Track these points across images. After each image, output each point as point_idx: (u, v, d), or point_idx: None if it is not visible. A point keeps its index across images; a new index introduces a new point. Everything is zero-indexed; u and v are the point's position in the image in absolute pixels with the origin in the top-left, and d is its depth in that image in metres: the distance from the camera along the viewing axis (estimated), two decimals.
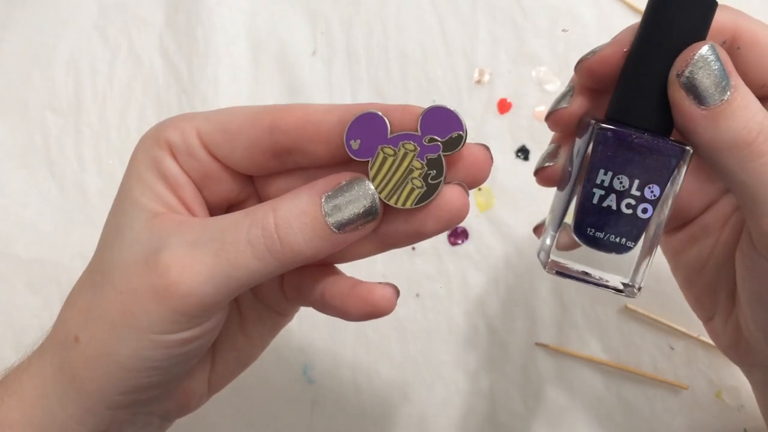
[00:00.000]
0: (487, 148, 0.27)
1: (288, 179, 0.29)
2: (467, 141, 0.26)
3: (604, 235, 0.28)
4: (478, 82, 0.47)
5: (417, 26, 0.49)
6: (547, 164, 0.31)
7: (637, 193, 0.27)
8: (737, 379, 0.42)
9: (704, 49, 0.26)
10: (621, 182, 0.27)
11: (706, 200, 0.33)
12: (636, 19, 0.29)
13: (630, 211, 0.28)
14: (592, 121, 0.28)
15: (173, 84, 0.50)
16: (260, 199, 0.30)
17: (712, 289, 0.33)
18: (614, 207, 0.28)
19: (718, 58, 0.26)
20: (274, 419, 0.46)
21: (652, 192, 0.27)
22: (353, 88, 0.49)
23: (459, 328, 0.45)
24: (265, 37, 0.50)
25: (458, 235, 0.46)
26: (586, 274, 0.29)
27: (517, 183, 0.46)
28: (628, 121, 0.27)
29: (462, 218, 0.27)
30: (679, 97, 0.26)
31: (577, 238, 0.28)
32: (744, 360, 0.34)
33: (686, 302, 0.35)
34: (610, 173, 0.27)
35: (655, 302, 0.42)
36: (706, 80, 0.26)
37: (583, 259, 0.29)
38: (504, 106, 0.47)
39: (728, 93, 0.26)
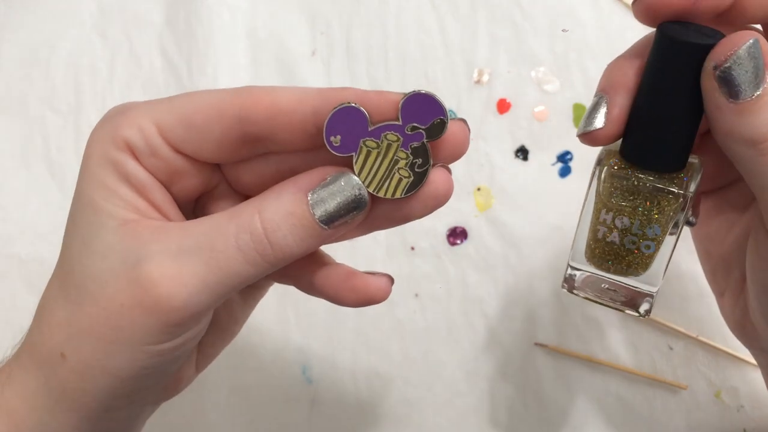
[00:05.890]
0: (464, 122, 0.26)
1: (260, 164, 0.28)
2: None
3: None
4: (478, 82, 0.47)
5: (417, 26, 0.49)
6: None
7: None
8: (737, 380, 0.42)
9: (748, 44, 0.25)
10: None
11: (734, 174, 0.31)
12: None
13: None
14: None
15: (173, 84, 0.50)
16: (230, 184, 0.29)
17: (727, 265, 0.33)
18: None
19: (760, 55, 0.25)
20: (273, 419, 0.46)
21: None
22: None
23: (458, 328, 0.45)
24: (265, 37, 0.50)
25: (457, 235, 0.46)
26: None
27: (516, 183, 0.46)
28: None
29: (448, 199, 0.27)
30: (710, 87, 0.25)
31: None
32: (750, 344, 0.34)
33: (684, 303, 0.35)
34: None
35: (654, 302, 0.42)
36: (742, 77, 0.25)
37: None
38: (503, 106, 0.47)
39: (760, 89, 0.25)
